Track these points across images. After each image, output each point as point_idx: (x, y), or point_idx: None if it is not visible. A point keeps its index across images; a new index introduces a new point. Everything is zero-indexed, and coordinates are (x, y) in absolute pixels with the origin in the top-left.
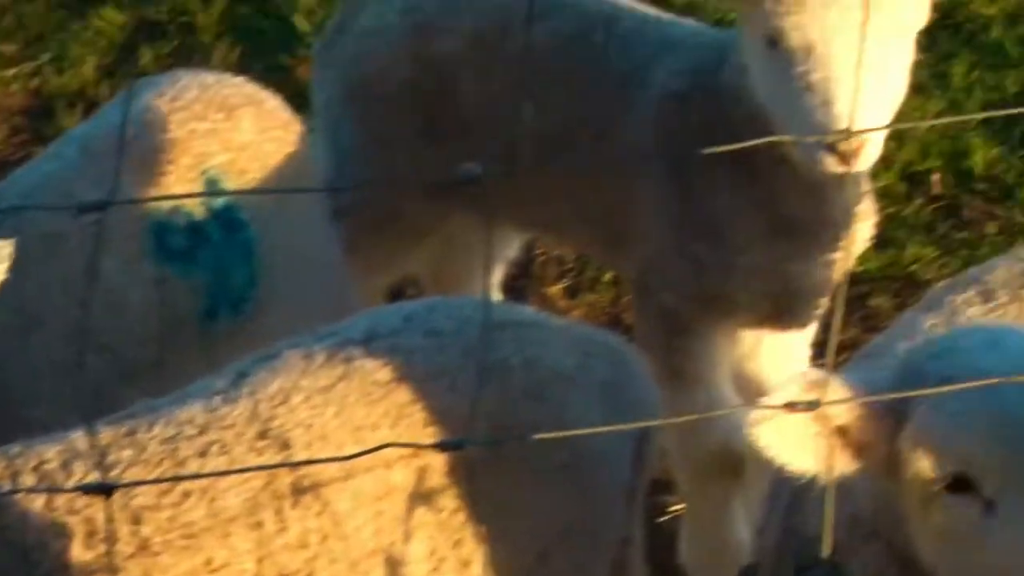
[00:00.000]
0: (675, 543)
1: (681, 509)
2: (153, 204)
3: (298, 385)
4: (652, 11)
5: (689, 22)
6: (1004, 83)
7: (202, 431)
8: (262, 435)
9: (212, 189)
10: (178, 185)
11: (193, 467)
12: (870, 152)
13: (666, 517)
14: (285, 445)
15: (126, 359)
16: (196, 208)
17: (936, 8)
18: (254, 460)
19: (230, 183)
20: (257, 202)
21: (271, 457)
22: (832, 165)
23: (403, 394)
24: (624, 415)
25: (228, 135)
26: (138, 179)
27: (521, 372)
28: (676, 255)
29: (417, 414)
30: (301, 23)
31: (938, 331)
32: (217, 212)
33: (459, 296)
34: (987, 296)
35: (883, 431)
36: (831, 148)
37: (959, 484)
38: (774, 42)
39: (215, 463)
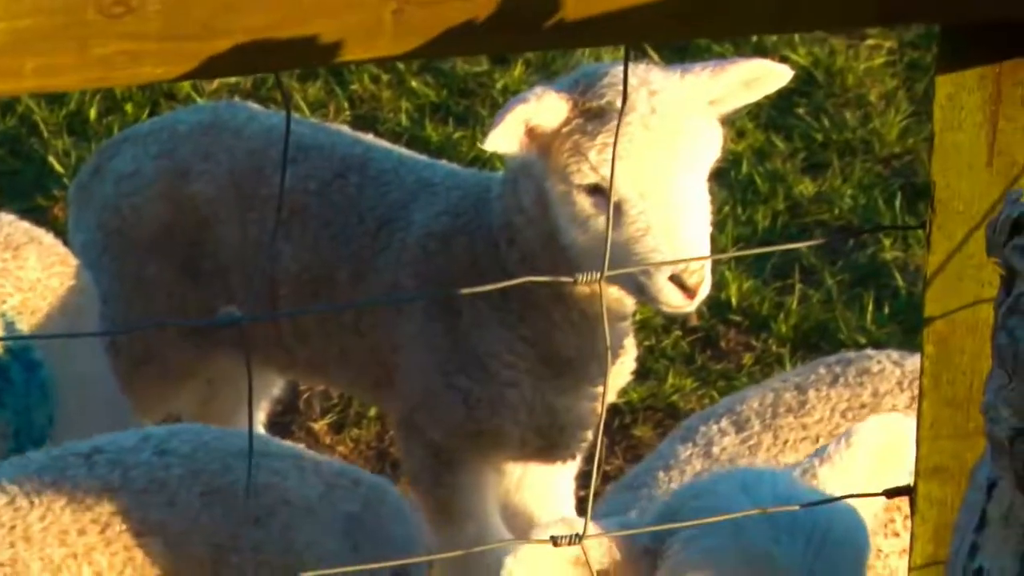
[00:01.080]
0: None
1: None
2: None
3: (3, 488)
4: (406, 152)
5: (443, 163)
6: (755, 217)
7: None
8: None
9: (10, 330)
10: None
11: None
12: (707, 284)
13: None
14: None
15: None
16: None
17: None
18: None
19: (23, 323)
20: (48, 341)
21: None
22: (679, 299)
23: (115, 504)
24: (372, 550)
25: (18, 274)
26: None
27: (248, 498)
28: (444, 391)
29: (128, 525)
30: (55, 164)
31: (695, 461)
32: (17, 353)
33: (208, 425)
34: (740, 426)
35: (641, 572)
36: (679, 283)
37: None
38: (598, 189)
39: None
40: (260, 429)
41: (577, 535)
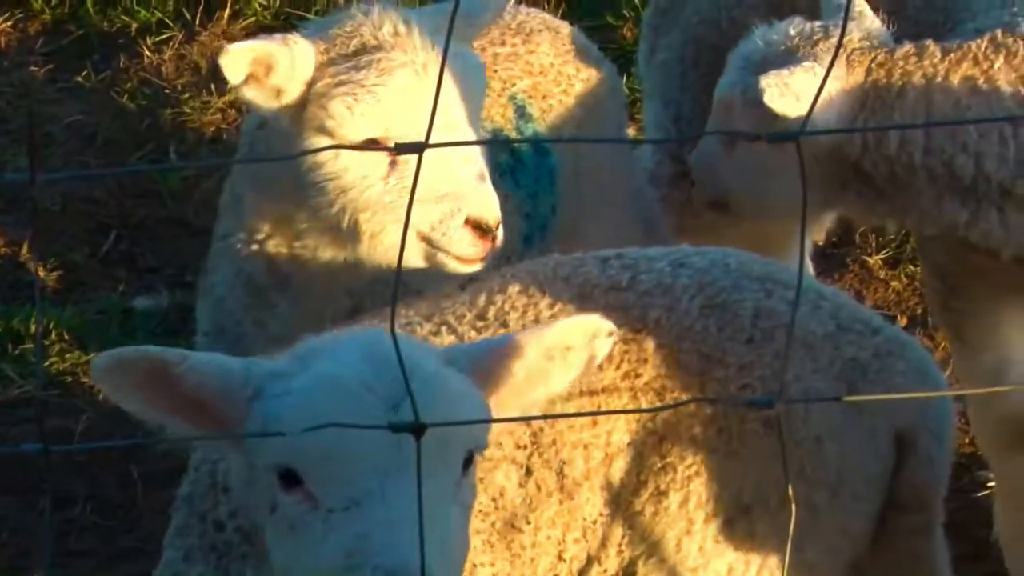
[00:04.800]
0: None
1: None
2: (483, 123)
3: (519, 277)
4: None
5: None
6: None
7: (428, 317)
8: (481, 316)
9: (519, 112)
10: (492, 108)
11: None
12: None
13: (983, 493)
14: (503, 325)
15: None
16: (510, 130)
17: None
18: (476, 336)
19: (534, 107)
20: (558, 130)
21: (494, 333)
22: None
23: (618, 300)
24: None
25: (528, 59)
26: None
27: (749, 319)
28: None
29: (627, 321)
30: None
31: None
32: (527, 137)
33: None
34: None
35: None
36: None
37: None
38: None
39: (446, 339)
40: (808, 263)
41: None
